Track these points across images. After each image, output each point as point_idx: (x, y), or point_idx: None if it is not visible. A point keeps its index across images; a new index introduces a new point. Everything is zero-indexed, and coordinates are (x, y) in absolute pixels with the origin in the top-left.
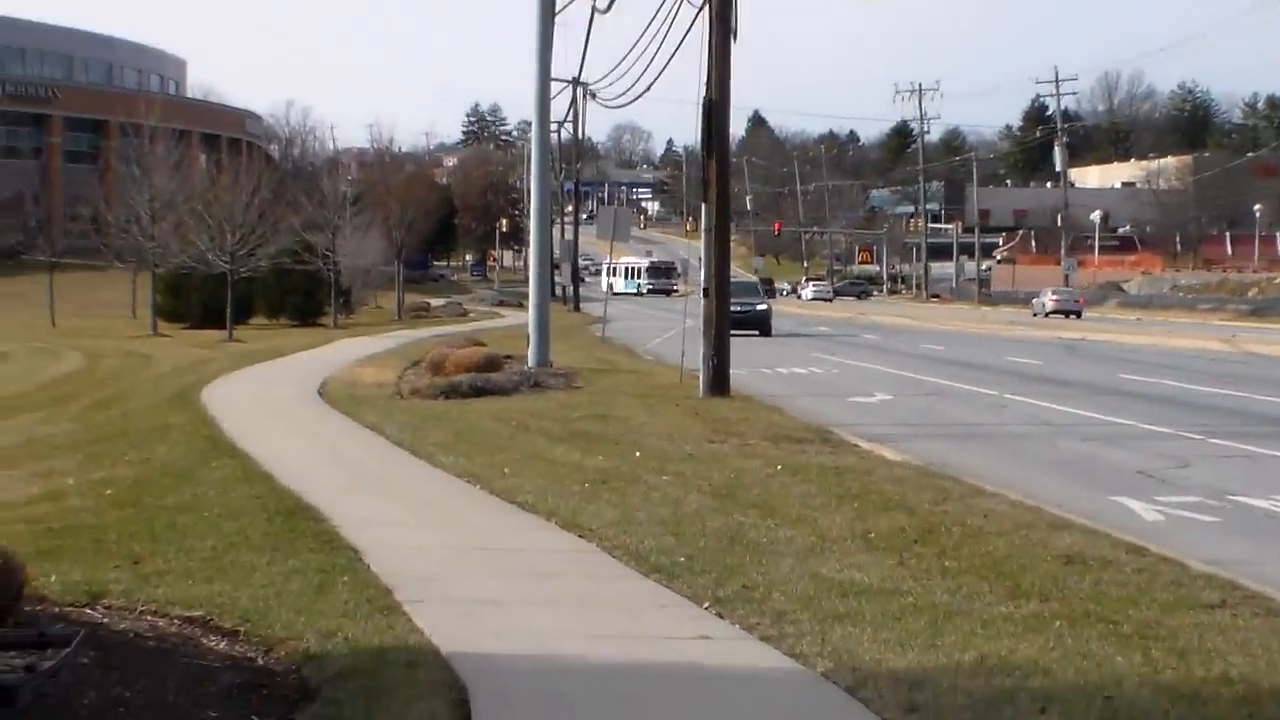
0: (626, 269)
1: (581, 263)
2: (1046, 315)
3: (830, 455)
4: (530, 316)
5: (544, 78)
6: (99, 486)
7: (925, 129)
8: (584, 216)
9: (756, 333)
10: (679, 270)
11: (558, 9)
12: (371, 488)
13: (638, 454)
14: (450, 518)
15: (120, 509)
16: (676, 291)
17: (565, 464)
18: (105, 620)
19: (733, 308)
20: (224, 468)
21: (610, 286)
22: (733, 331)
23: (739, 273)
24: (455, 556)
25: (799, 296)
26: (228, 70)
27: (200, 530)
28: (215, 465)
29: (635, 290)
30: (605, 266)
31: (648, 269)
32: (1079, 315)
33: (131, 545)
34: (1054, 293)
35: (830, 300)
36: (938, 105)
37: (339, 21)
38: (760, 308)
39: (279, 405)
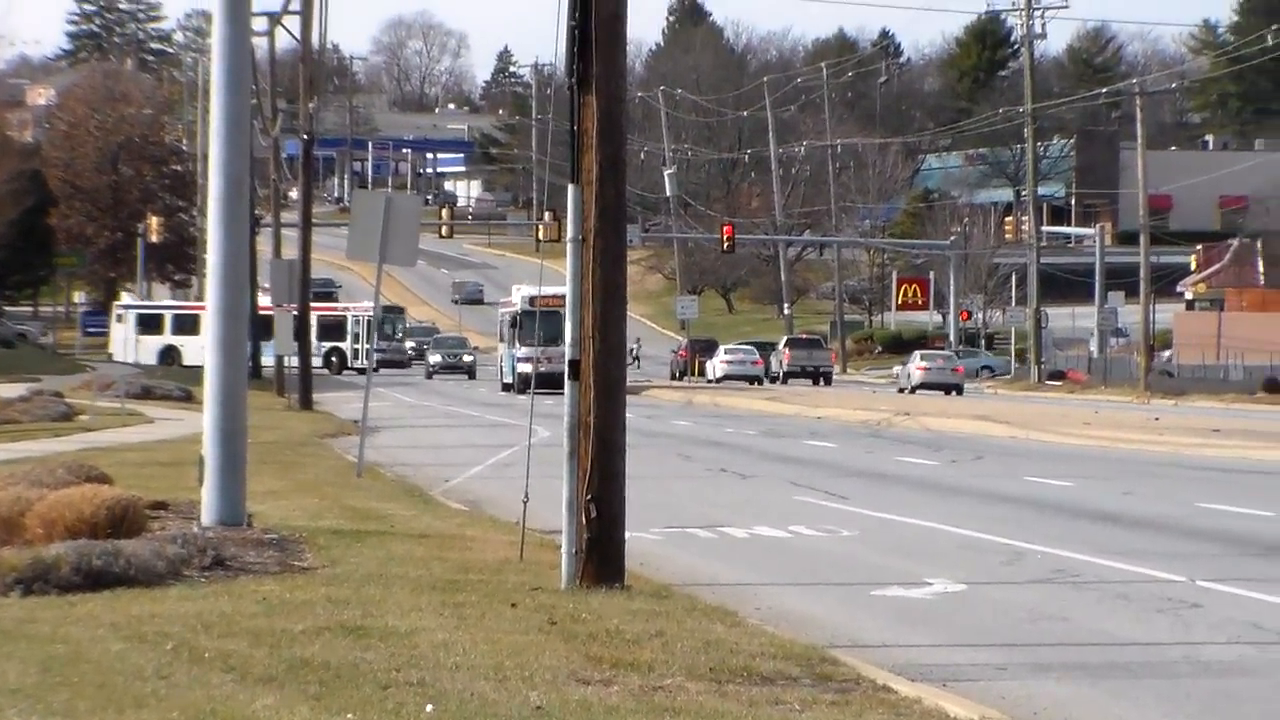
0: (513, 320)
1: (353, 307)
2: None
3: (834, 712)
4: (206, 421)
5: None
6: None
7: (1038, 26)
8: (329, 205)
9: None
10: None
11: None
12: None
13: (428, 710)
14: None
15: None
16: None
17: None
18: None
19: None
20: None
21: (505, 373)
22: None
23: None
24: None
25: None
26: None
27: None
28: None
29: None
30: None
31: (520, 317)
32: None
33: None
34: None
35: (818, 384)
36: None
37: None
38: None
39: None
